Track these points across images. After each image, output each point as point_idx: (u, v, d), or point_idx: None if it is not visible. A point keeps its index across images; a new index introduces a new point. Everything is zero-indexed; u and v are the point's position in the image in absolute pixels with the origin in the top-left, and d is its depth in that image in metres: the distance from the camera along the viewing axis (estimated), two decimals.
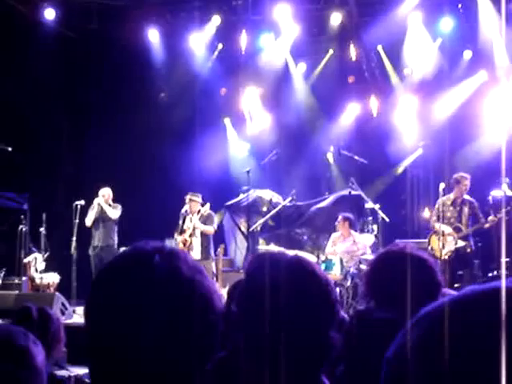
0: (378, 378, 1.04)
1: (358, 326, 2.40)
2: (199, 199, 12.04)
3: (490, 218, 11.09)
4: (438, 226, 11.32)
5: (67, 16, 14.83)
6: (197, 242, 11.84)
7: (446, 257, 11.13)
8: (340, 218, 12.01)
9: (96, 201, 12.31)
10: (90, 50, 15.15)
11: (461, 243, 11.14)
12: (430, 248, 11.28)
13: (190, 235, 11.84)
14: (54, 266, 12.72)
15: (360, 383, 2.33)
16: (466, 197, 11.38)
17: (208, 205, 12.07)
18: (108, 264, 1.48)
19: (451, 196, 11.45)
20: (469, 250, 11.26)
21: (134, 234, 12.44)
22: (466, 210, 11.29)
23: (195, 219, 11.83)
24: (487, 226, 11.15)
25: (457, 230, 11.24)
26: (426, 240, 11.59)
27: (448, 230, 11.26)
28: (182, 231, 11.95)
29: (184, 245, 11.74)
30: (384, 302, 2.54)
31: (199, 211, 11.93)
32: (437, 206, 11.58)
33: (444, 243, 11.16)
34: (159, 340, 1.33)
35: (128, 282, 1.38)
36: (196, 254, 11.67)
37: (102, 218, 12.32)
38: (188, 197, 12.02)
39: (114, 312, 1.36)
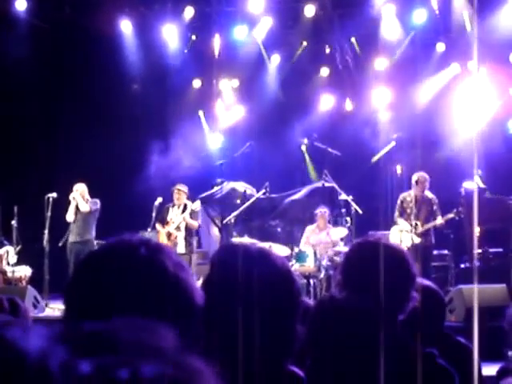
0: (347, 366, 1.04)
1: (326, 313, 2.40)
2: (185, 192, 12.06)
3: (438, 220, 11.17)
4: (399, 221, 11.42)
5: (39, 6, 14.69)
6: (181, 236, 11.83)
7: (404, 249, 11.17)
8: (322, 210, 12.06)
9: (71, 195, 12.17)
10: (62, 41, 15.02)
11: (416, 240, 11.18)
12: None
13: (175, 228, 11.82)
14: (26, 259, 12.60)
15: (329, 371, 2.33)
16: (427, 193, 11.42)
17: (198, 202, 12.08)
18: (92, 253, 1.47)
19: (412, 193, 11.50)
20: (428, 244, 11.30)
21: (108, 227, 12.37)
22: (424, 207, 11.34)
23: (186, 214, 11.80)
24: (439, 225, 11.22)
25: (414, 226, 11.29)
26: (388, 232, 11.65)
27: (406, 226, 11.31)
28: (166, 223, 11.92)
29: (168, 238, 11.72)
30: (357, 291, 2.55)
31: (185, 205, 11.91)
32: (398, 201, 11.66)
33: (401, 238, 11.22)
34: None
35: (111, 271, 1.38)
36: (180, 248, 11.67)
37: (78, 212, 12.19)
38: (177, 187, 11.99)
39: (93, 300, 1.36)
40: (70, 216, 12.12)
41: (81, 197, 12.11)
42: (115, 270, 1.37)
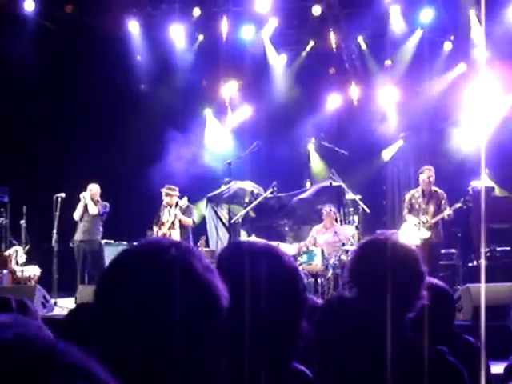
0: (355, 365, 1.06)
1: (334, 313, 2.41)
2: (176, 192, 12.00)
3: (446, 211, 11.13)
4: (408, 217, 11.40)
5: (47, 7, 14.74)
6: (176, 235, 11.78)
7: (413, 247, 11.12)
8: (328, 208, 12.04)
9: (82, 194, 12.22)
10: (70, 41, 15.05)
11: (426, 233, 11.16)
12: None
13: (169, 228, 11.79)
14: (34, 258, 12.65)
15: (337, 370, 2.35)
16: (435, 188, 11.39)
17: (185, 198, 12.04)
18: (122, 253, 1.48)
19: (419, 188, 11.49)
20: (435, 240, 11.26)
21: (115, 227, 12.43)
22: (432, 201, 11.31)
23: (176, 211, 11.78)
24: (447, 216, 11.17)
25: (423, 221, 11.26)
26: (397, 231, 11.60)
27: (415, 221, 11.30)
28: (162, 224, 11.90)
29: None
30: (367, 290, 2.56)
31: (177, 203, 11.89)
32: (407, 198, 11.64)
33: (411, 235, 11.19)
34: (162, 332, 1.34)
35: (140, 272, 1.39)
36: None
37: (86, 212, 12.23)
38: (164, 190, 11.96)
39: (122, 301, 1.38)
40: (77, 214, 12.18)
41: (91, 198, 12.16)
42: (144, 272, 1.39)
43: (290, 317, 1.90)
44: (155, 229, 11.95)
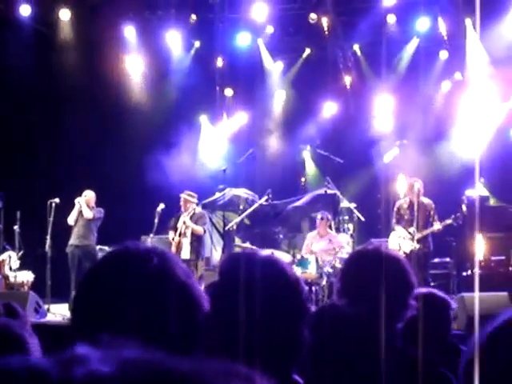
0: (347, 373, 1.04)
1: (325, 321, 2.41)
2: (194, 199, 12.01)
3: (435, 226, 11.09)
4: (397, 228, 11.38)
5: (42, 12, 14.73)
6: (186, 242, 11.73)
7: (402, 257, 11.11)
8: (320, 216, 12.03)
9: (77, 200, 12.23)
10: (65, 46, 15.05)
11: (415, 246, 11.13)
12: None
13: (180, 235, 11.75)
14: (28, 264, 12.61)
15: (328, 379, 2.34)
16: (423, 199, 11.36)
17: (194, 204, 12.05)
18: (100, 261, 1.47)
19: (407, 199, 11.47)
20: (426, 250, 11.23)
21: (110, 233, 12.39)
22: (421, 213, 11.27)
23: (186, 218, 11.75)
24: (437, 230, 11.13)
25: (411, 232, 11.22)
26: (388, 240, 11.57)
27: (404, 232, 11.26)
28: (175, 230, 11.87)
29: (175, 245, 11.65)
30: (356, 298, 2.56)
31: (194, 210, 11.90)
32: (395, 208, 11.62)
33: (400, 245, 11.16)
34: (147, 338, 1.33)
35: (124, 279, 1.38)
36: (185, 253, 11.51)
37: (81, 217, 12.23)
38: (184, 196, 11.94)
39: (105, 310, 1.36)
40: (71, 219, 12.20)
41: (86, 203, 12.16)
42: (128, 280, 1.37)
43: (292, 326, 1.90)
44: (171, 234, 11.93)
